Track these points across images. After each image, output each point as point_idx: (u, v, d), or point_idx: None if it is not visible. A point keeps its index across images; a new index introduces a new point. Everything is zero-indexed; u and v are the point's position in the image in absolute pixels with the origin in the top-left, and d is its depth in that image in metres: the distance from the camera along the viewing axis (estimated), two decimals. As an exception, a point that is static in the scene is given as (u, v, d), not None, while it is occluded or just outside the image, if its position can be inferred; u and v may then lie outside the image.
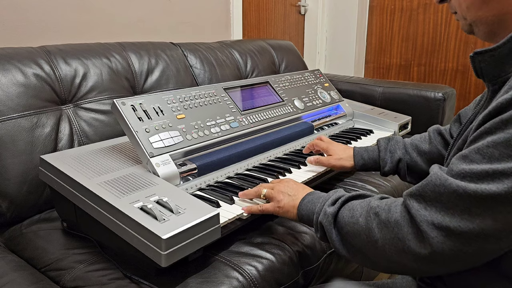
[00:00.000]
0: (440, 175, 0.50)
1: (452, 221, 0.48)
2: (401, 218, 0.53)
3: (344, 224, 0.61)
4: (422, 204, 0.51)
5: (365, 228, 0.57)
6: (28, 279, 0.67)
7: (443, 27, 2.60)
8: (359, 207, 0.61)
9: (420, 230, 0.50)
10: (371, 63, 2.95)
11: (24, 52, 1.07)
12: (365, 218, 0.58)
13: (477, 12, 0.59)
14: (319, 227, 0.66)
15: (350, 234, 0.60)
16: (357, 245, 0.59)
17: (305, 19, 2.89)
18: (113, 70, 1.21)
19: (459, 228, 0.47)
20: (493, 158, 0.46)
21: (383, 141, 0.96)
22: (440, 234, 0.49)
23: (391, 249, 0.54)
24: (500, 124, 0.47)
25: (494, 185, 0.45)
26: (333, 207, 0.64)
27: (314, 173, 1.00)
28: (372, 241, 0.56)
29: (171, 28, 1.80)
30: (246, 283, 0.73)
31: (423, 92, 1.68)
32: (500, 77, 0.57)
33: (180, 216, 0.66)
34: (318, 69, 1.52)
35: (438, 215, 0.49)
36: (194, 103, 0.98)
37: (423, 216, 0.50)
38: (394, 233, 0.54)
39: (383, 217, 0.56)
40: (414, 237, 0.51)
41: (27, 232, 0.90)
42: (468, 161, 0.49)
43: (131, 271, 0.73)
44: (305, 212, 0.70)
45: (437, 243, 0.49)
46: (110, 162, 0.84)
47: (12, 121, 0.96)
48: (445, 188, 0.49)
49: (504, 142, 0.46)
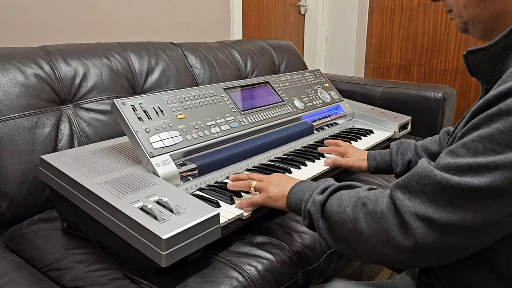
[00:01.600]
0: (426, 167, 0.51)
1: (435, 213, 0.48)
2: (387, 209, 0.54)
3: (332, 213, 0.62)
4: (406, 195, 0.52)
5: (352, 217, 0.58)
6: (28, 279, 0.67)
7: (443, 27, 2.60)
8: (348, 197, 0.61)
9: (404, 221, 0.51)
10: (371, 63, 2.95)
11: (24, 52, 1.07)
12: (353, 208, 0.58)
13: (474, 10, 0.59)
14: (306, 215, 0.67)
15: (337, 223, 0.60)
16: (343, 234, 0.60)
17: (305, 19, 2.89)
18: (113, 70, 1.21)
19: (441, 220, 0.48)
20: (477, 152, 0.47)
21: (395, 144, 0.99)
22: (423, 225, 0.49)
23: (376, 240, 0.54)
24: (485, 119, 0.48)
25: (477, 179, 0.46)
26: (321, 196, 0.65)
27: (314, 173, 1.00)
28: (358, 231, 0.57)
29: (171, 28, 1.80)
30: (246, 283, 0.73)
31: (423, 92, 1.68)
32: (494, 76, 0.57)
33: (180, 216, 0.66)
34: (318, 69, 1.52)
35: (422, 206, 0.50)
36: (194, 103, 0.98)
37: (407, 207, 0.51)
38: (380, 224, 0.54)
39: (370, 207, 0.56)
40: (398, 228, 0.52)
41: (27, 232, 0.90)
42: (454, 155, 0.50)
43: (131, 271, 0.73)
44: (294, 200, 0.71)
45: (420, 234, 0.49)
46: (110, 162, 0.84)
47: (12, 121, 0.96)
48: (430, 179, 0.50)
49: (488, 137, 0.46)
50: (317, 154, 1.11)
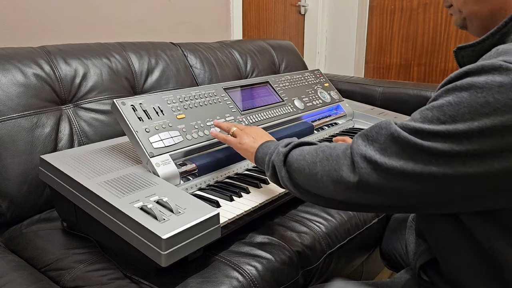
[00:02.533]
0: (388, 120, 0.56)
1: (381, 158, 0.54)
2: (342, 152, 0.59)
3: (293, 161, 0.67)
4: (365, 141, 0.57)
5: (310, 162, 0.63)
6: (28, 279, 0.67)
7: (443, 27, 2.60)
8: (308, 148, 0.66)
9: (353, 161, 0.57)
10: (371, 63, 2.95)
11: (24, 52, 1.07)
12: (312, 155, 0.64)
13: (473, 7, 0.61)
14: (270, 166, 0.72)
15: (297, 170, 0.66)
16: (301, 180, 0.65)
17: (305, 19, 2.89)
18: (113, 70, 1.21)
19: (384, 164, 0.53)
20: (426, 119, 0.51)
21: None
22: (369, 167, 0.55)
23: (328, 178, 0.60)
24: (442, 92, 0.52)
25: (421, 140, 0.50)
26: (285, 148, 0.70)
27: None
28: (313, 173, 0.62)
29: (171, 28, 1.80)
30: (246, 283, 0.73)
31: (423, 92, 1.68)
32: None
33: (180, 216, 0.66)
34: (318, 69, 1.52)
35: (372, 151, 0.55)
36: (194, 103, 0.98)
37: (359, 150, 0.56)
38: (332, 165, 0.59)
39: (327, 152, 0.62)
40: (347, 168, 0.57)
41: (27, 232, 0.90)
42: (410, 119, 0.54)
43: (131, 271, 0.73)
44: (261, 154, 0.77)
45: (364, 173, 0.55)
46: (110, 162, 0.84)
47: (12, 121, 0.96)
48: (386, 130, 0.55)
49: (438, 107, 0.50)
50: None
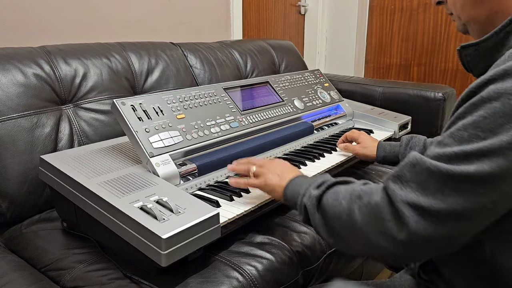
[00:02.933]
0: (417, 155, 0.52)
1: (426, 201, 0.49)
2: (381, 199, 0.54)
3: (328, 206, 0.62)
4: (398, 184, 0.53)
5: (347, 210, 0.58)
6: (28, 279, 0.67)
7: (443, 27, 2.60)
8: (344, 191, 0.61)
9: (397, 209, 0.51)
10: (371, 63, 2.95)
11: (24, 52, 1.07)
12: (348, 201, 0.59)
13: (470, 11, 0.61)
14: (302, 209, 0.67)
15: (332, 217, 0.61)
16: (338, 227, 0.60)
17: (305, 19, 2.89)
18: (113, 70, 1.21)
19: (431, 208, 0.48)
20: (463, 140, 0.48)
21: (406, 138, 1.03)
22: (415, 213, 0.50)
23: (370, 230, 0.55)
24: (469, 108, 0.49)
25: (464, 166, 0.47)
26: (318, 190, 0.65)
27: (313, 173, 1.00)
28: (352, 222, 0.57)
29: (171, 28, 1.80)
30: (246, 283, 0.73)
31: (423, 92, 1.68)
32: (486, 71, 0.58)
33: (180, 216, 0.66)
34: (318, 69, 1.52)
35: (413, 194, 0.50)
36: (194, 103, 0.98)
37: (399, 196, 0.51)
38: (374, 215, 0.54)
39: (365, 199, 0.57)
40: (392, 217, 0.52)
41: (27, 232, 0.90)
42: (442, 145, 0.51)
43: (131, 271, 0.73)
44: (291, 193, 0.71)
45: (412, 222, 0.50)
46: (110, 162, 0.84)
47: (12, 121, 0.96)
48: (421, 167, 0.50)
49: (472, 124, 0.48)
50: (317, 154, 1.11)
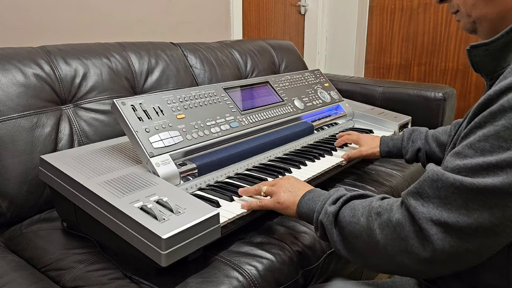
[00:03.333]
0: (437, 170, 0.50)
1: (450, 217, 0.48)
2: (402, 217, 0.53)
3: (345, 224, 0.60)
4: (419, 201, 0.51)
5: (367, 228, 0.57)
6: (28, 279, 0.67)
7: (443, 27, 2.60)
8: (361, 207, 0.60)
9: (421, 228, 0.50)
10: (371, 63, 2.95)
11: (24, 52, 1.07)
12: (367, 218, 0.57)
13: (483, 9, 0.59)
14: (319, 226, 0.66)
15: (351, 235, 0.59)
16: (358, 245, 0.59)
17: (305, 19, 2.89)
18: (113, 70, 1.21)
19: (457, 224, 0.47)
20: (485, 151, 0.47)
21: (407, 131, 1.04)
22: (440, 231, 0.48)
23: (393, 249, 0.53)
24: (489, 117, 0.47)
25: (489, 178, 0.45)
26: (334, 206, 0.63)
27: (314, 173, 1.00)
28: (374, 242, 0.56)
29: (171, 28, 1.80)
30: (246, 283, 0.73)
31: (423, 92, 1.68)
32: (496, 72, 0.58)
33: (180, 216, 0.66)
34: (318, 69, 1.52)
35: (436, 211, 0.49)
36: (194, 103, 0.98)
37: (422, 213, 0.50)
38: (396, 233, 0.53)
39: (385, 217, 0.55)
40: (415, 236, 0.51)
41: (27, 232, 0.90)
42: (461, 156, 0.49)
43: (131, 271, 0.73)
44: (305, 210, 0.70)
45: (438, 240, 0.48)
46: (110, 162, 0.84)
47: (12, 121, 0.96)
48: (442, 182, 0.49)
49: (494, 134, 0.46)
50: (317, 154, 1.11)
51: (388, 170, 1.29)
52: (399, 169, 1.30)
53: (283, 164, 1.04)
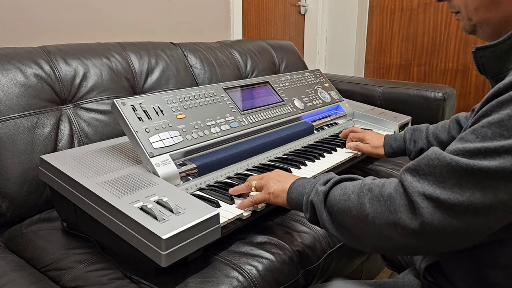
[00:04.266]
0: (436, 150, 0.52)
1: (443, 193, 0.49)
2: (394, 191, 0.54)
3: (335, 201, 0.61)
4: (416, 177, 0.52)
5: (357, 203, 0.57)
6: (28, 279, 0.67)
7: (443, 27, 2.60)
8: (351, 186, 0.61)
9: (412, 201, 0.51)
10: (371, 63, 2.95)
11: (24, 52, 1.07)
12: (357, 194, 0.58)
13: (485, 14, 0.59)
14: (309, 207, 0.66)
15: (341, 211, 0.60)
16: (347, 222, 0.59)
17: (305, 19, 2.89)
18: (113, 70, 1.21)
19: (448, 200, 0.48)
20: (486, 137, 0.48)
21: (408, 132, 1.05)
22: (430, 205, 0.49)
23: (381, 222, 0.54)
24: (495, 106, 0.49)
25: (486, 161, 0.47)
26: (324, 186, 0.64)
27: (314, 173, 1.00)
28: (363, 216, 0.56)
29: (171, 28, 1.80)
30: (246, 283, 0.73)
31: (423, 92, 1.68)
32: (502, 74, 0.58)
33: (180, 216, 0.66)
34: (318, 69, 1.52)
35: (430, 187, 0.50)
36: (194, 103, 0.98)
37: (415, 188, 0.51)
38: (386, 206, 0.54)
39: (376, 191, 0.56)
40: (405, 209, 0.52)
41: (27, 232, 0.90)
42: (463, 141, 0.50)
43: (131, 271, 0.73)
44: (295, 195, 0.71)
45: (427, 213, 0.49)
46: (110, 162, 0.84)
47: (12, 121, 0.96)
48: (439, 161, 0.50)
49: (498, 122, 0.47)
50: (317, 154, 1.11)
51: (388, 170, 1.29)
52: (399, 169, 1.30)
53: (283, 164, 1.04)
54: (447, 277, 0.64)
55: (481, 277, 0.58)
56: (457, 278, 0.62)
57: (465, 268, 0.60)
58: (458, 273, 0.61)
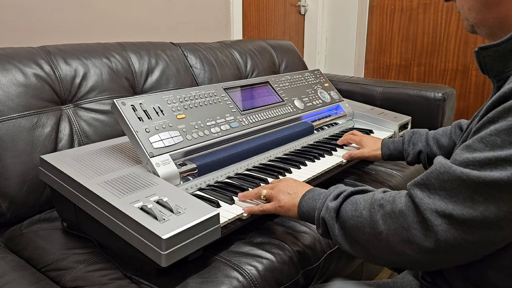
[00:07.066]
0: (445, 163, 0.50)
1: (456, 209, 0.48)
2: (406, 207, 0.53)
3: (347, 218, 0.60)
4: (425, 192, 0.51)
5: (369, 220, 0.57)
6: (28, 279, 0.67)
7: (443, 27, 2.60)
8: (362, 201, 0.60)
9: (425, 218, 0.50)
10: (371, 63, 2.95)
11: (24, 52, 1.07)
12: (369, 211, 0.57)
13: (478, 15, 0.60)
14: (321, 223, 0.66)
15: (353, 228, 0.59)
16: (360, 238, 0.59)
17: (305, 19, 2.89)
18: (113, 70, 1.21)
19: (462, 216, 0.47)
20: (495, 146, 0.47)
21: (408, 134, 1.04)
22: (444, 222, 0.49)
23: (395, 239, 0.53)
24: (502, 112, 0.47)
25: (497, 172, 0.45)
26: (335, 202, 0.63)
27: (314, 173, 1.00)
28: (376, 233, 0.56)
29: (171, 28, 1.80)
30: (246, 283, 0.73)
31: (423, 92, 1.68)
32: (504, 73, 0.58)
33: (180, 216, 0.66)
34: (318, 69, 1.52)
35: (442, 202, 0.49)
36: (194, 103, 0.98)
37: (427, 204, 0.50)
38: (399, 223, 0.53)
39: (388, 208, 0.55)
40: (419, 226, 0.51)
41: (27, 232, 0.90)
42: (471, 150, 0.49)
43: (131, 271, 0.73)
44: (306, 209, 0.70)
45: (441, 231, 0.49)
46: (110, 162, 0.84)
47: (12, 121, 0.96)
48: (449, 175, 0.49)
49: (506, 130, 0.46)
50: (317, 154, 1.11)
51: (388, 170, 1.29)
52: (399, 169, 1.30)
53: (283, 164, 1.04)
54: (445, 278, 0.64)
55: (480, 278, 0.58)
56: (455, 279, 0.62)
57: (464, 269, 0.59)
58: (457, 274, 0.61)
